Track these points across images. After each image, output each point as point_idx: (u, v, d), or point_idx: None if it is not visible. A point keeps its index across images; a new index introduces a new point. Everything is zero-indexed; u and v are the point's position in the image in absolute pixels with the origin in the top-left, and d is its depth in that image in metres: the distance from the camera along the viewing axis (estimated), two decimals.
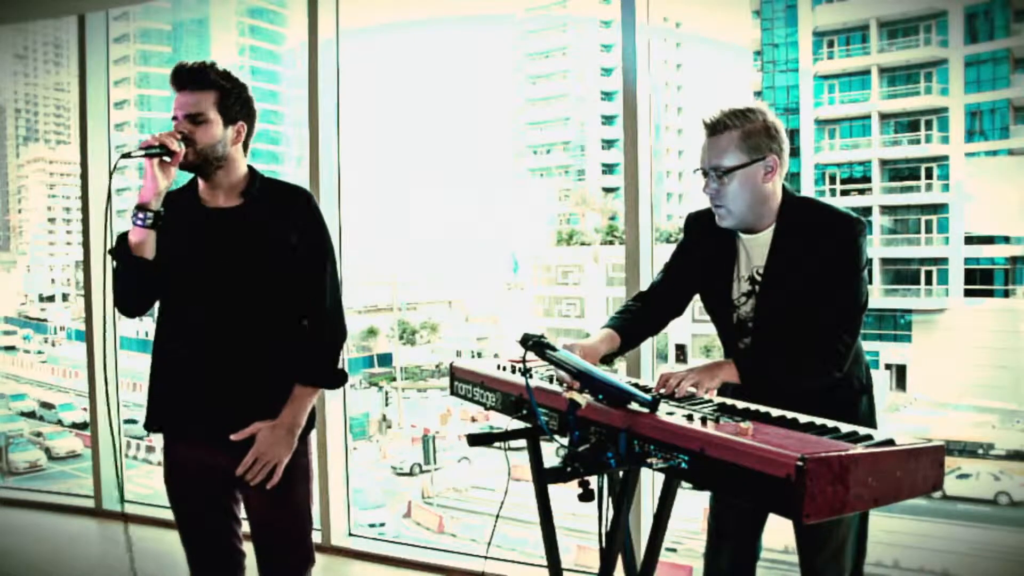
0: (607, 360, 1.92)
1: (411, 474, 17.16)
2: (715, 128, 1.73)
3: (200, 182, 1.93)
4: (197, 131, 1.83)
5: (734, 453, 1.27)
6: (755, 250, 1.81)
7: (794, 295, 1.74)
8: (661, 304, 2.00)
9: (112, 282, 1.90)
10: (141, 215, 1.81)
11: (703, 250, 1.92)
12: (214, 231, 1.88)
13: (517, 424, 1.84)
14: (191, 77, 1.85)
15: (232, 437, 1.83)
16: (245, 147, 1.95)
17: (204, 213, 1.91)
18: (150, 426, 1.93)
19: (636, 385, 1.81)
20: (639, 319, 1.98)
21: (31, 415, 21.19)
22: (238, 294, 1.86)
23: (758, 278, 1.81)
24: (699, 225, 1.95)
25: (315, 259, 1.92)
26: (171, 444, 1.97)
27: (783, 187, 1.80)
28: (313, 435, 2.03)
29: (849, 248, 1.71)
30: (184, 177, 1.97)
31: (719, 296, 1.87)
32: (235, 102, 1.89)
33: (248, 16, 32.74)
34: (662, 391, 1.68)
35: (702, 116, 1.76)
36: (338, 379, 1.98)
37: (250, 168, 1.97)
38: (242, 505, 1.98)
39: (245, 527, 1.99)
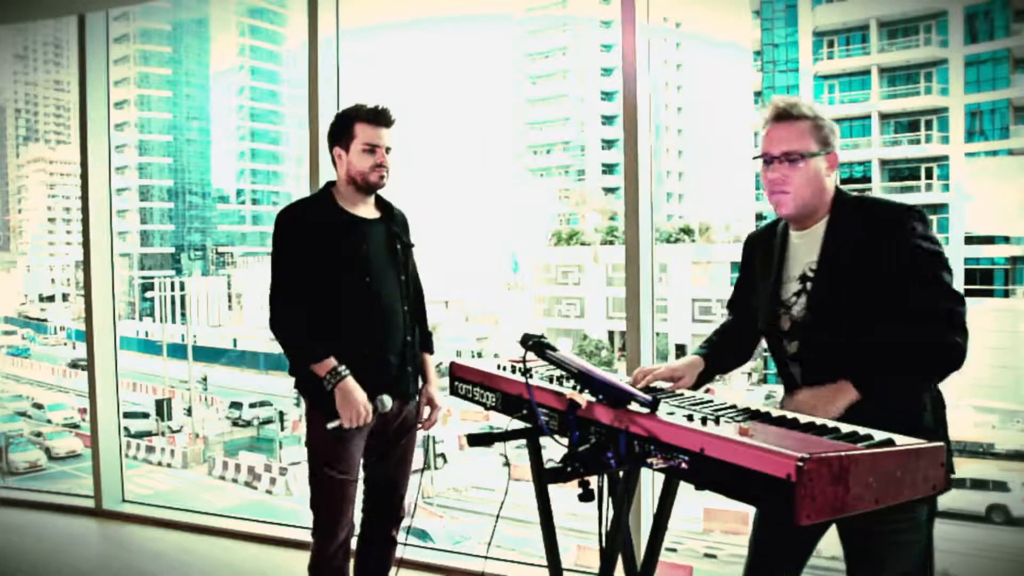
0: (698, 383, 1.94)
1: None
2: (790, 114, 1.73)
3: (356, 196, 2.35)
4: (388, 160, 2.33)
5: (734, 453, 1.27)
6: (806, 247, 1.78)
7: (851, 288, 1.68)
8: (739, 340, 1.99)
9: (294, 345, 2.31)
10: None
11: (757, 261, 1.91)
12: (374, 237, 2.34)
13: (517, 424, 1.84)
14: (390, 115, 2.32)
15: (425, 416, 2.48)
16: None
17: (359, 223, 2.33)
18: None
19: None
20: (723, 348, 1.99)
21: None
22: (401, 285, 2.36)
23: (810, 275, 1.76)
24: (753, 242, 1.97)
25: (413, 256, 2.47)
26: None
27: (836, 187, 1.79)
28: None
29: (925, 235, 1.65)
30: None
31: (770, 298, 1.83)
32: None
33: (248, 16, 32.76)
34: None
35: (773, 101, 1.76)
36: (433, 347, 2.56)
37: None
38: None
39: None
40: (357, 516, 2.43)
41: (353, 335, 2.28)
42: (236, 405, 21.61)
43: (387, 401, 2.25)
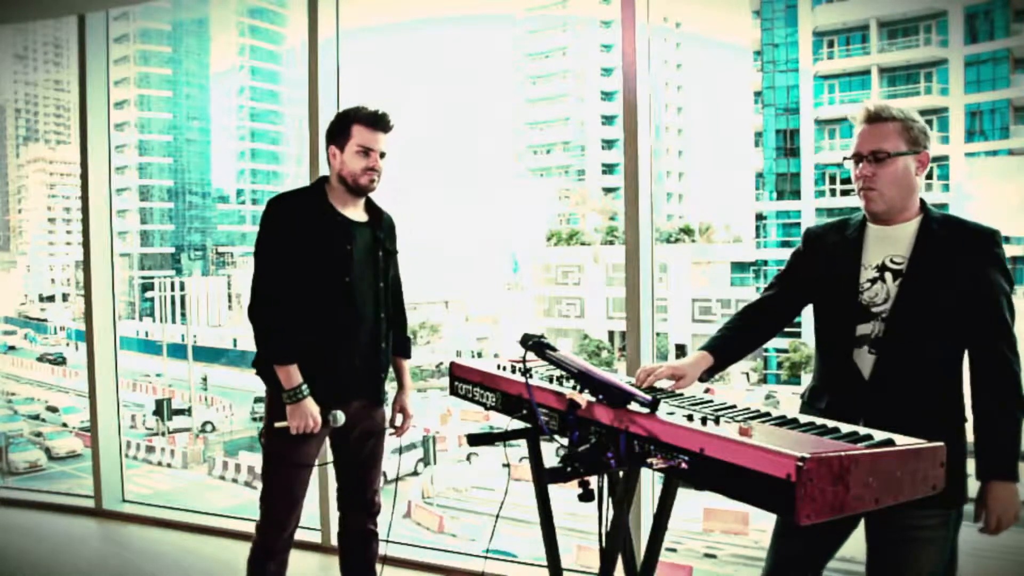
0: (704, 378, 1.95)
1: None
2: (879, 116, 1.81)
3: (346, 196, 2.34)
4: (381, 165, 2.33)
5: (734, 453, 1.27)
6: (889, 240, 1.84)
7: (938, 288, 1.76)
8: (770, 314, 2.03)
9: (268, 341, 2.28)
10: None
11: (824, 250, 1.95)
12: (358, 240, 2.34)
13: (517, 424, 1.84)
14: (389, 121, 2.32)
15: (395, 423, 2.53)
16: None
17: (347, 224, 2.32)
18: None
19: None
20: (740, 334, 2.01)
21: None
22: (378, 290, 2.37)
23: (892, 265, 1.82)
24: (818, 235, 2.00)
25: (396, 263, 2.49)
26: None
27: (920, 197, 1.87)
28: None
29: (1005, 257, 1.78)
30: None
31: (843, 282, 1.87)
32: None
33: (248, 16, 32.75)
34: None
35: (864, 105, 1.85)
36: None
37: None
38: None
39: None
40: (334, 515, 2.48)
41: (322, 334, 2.29)
42: (262, 400, 21.57)
43: (340, 417, 2.27)
